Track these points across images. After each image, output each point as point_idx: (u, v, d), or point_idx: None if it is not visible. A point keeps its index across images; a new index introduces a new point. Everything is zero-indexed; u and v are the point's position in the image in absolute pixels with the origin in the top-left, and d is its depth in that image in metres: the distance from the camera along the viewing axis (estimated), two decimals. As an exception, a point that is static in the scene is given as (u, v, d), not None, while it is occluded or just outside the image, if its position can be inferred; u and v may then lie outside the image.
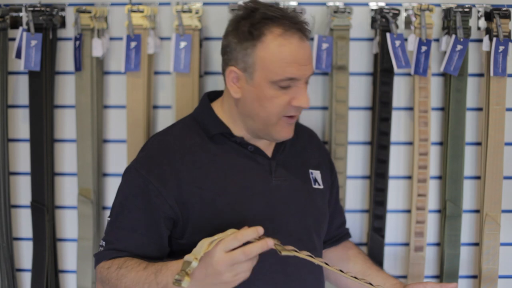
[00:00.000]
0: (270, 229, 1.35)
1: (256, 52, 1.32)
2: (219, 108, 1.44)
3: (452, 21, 1.71)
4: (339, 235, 1.65)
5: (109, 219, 1.39)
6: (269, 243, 1.14)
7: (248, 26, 1.32)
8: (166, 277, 1.21)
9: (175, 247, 1.38)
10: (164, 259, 1.35)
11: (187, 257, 1.14)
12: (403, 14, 1.78)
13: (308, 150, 1.55)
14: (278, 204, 1.41)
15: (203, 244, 1.15)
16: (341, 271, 1.26)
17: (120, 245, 1.34)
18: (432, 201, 1.83)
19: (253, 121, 1.38)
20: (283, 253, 1.19)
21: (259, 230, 1.14)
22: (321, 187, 1.52)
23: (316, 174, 1.53)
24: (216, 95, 1.49)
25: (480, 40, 1.75)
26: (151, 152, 1.41)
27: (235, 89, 1.37)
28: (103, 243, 1.37)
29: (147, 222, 1.34)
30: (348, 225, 1.72)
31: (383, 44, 1.73)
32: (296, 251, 1.20)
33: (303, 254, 1.21)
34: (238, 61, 1.35)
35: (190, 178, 1.36)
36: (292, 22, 1.32)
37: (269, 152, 1.45)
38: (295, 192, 1.45)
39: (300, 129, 1.59)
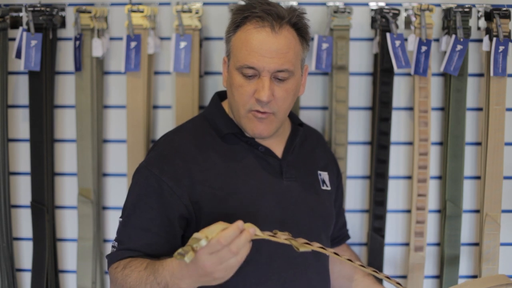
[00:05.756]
0: (280, 229, 1.34)
1: (232, 40, 1.38)
2: (229, 108, 1.45)
3: (452, 21, 1.71)
4: (341, 236, 1.66)
5: (120, 219, 1.38)
6: (240, 225, 1.10)
7: (235, 19, 1.37)
8: (164, 277, 1.20)
9: None
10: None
11: (197, 235, 1.11)
12: (403, 14, 1.78)
13: (316, 151, 1.56)
14: (289, 204, 1.41)
15: (217, 228, 1.12)
16: (349, 260, 1.28)
17: (133, 244, 1.33)
18: (432, 201, 1.83)
19: (232, 111, 1.42)
20: (301, 249, 1.18)
21: (239, 225, 1.11)
22: (329, 188, 1.53)
23: (324, 175, 1.53)
24: (226, 95, 1.49)
25: (480, 40, 1.75)
26: (162, 151, 1.41)
27: (224, 77, 1.43)
28: (115, 243, 1.36)
29: (161, 222, 1.33)
30: (348, 225, 1.72)
31: (383, 44, 1.73)
32: (308, 243, 1.21)
33: (316, 246, 1.22)
34: (226, 50, 1.42)
35: (202, 177, 1.36)
36: (268, 14, 1.33)
37: (279, 153, 1.45)
38: (305, 193, 1.45)
39: (309, 130, 1.60)
